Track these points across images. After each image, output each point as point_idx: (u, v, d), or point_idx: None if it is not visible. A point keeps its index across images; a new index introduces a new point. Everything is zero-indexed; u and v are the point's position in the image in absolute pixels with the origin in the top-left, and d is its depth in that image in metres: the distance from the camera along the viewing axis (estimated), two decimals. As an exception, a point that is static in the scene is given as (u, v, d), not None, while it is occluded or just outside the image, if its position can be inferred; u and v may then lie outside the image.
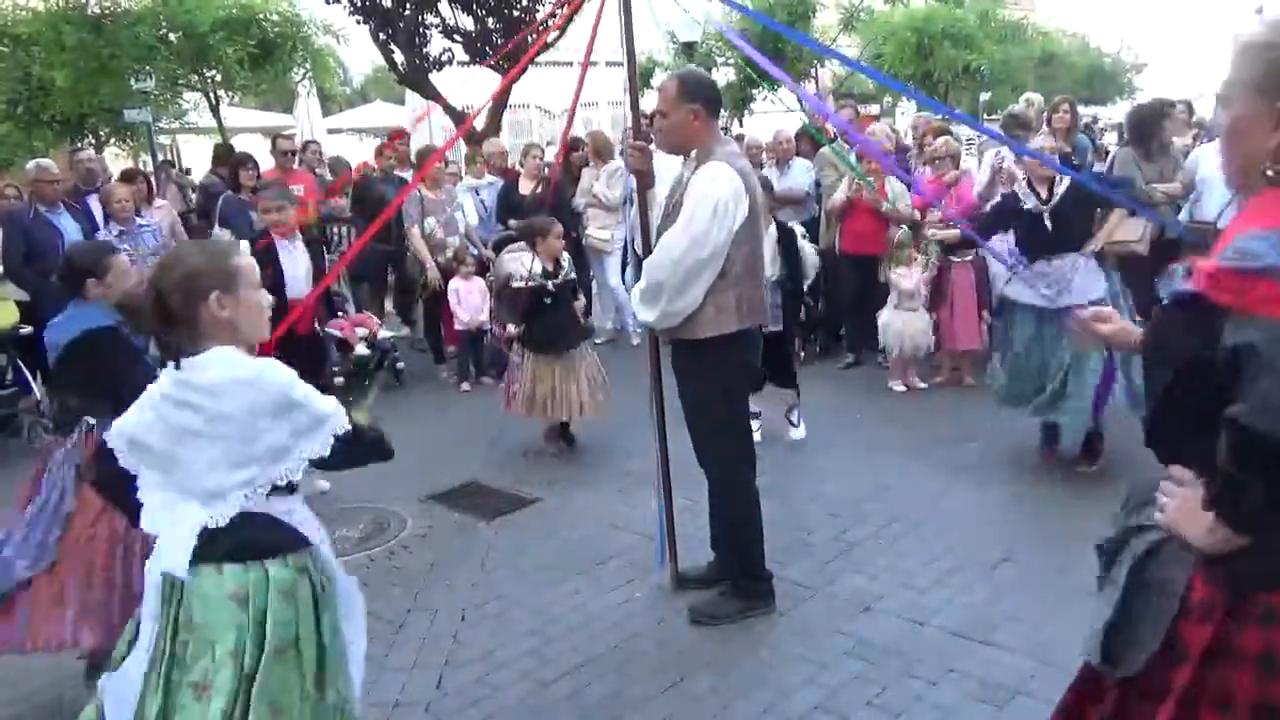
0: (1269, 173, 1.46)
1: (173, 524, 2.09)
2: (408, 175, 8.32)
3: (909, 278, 6.38)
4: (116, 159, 13.80)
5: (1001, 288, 5.22)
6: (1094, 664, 1.67)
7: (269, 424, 2.04)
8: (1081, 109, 8.30)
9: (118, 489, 2.20)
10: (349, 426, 2.12)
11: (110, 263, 3.18)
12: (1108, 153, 8.47)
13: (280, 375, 2.07)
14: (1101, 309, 1.97)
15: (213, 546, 2.06)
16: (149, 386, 2.15)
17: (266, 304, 2.24)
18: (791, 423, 5.66)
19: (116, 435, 2.15)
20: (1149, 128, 6.13)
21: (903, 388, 6.53)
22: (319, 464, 2.14)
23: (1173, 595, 1.55)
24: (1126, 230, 5.76)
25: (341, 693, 2.20)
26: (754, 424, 5.56)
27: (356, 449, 2.19)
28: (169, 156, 18.28)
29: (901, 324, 6.39)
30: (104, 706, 2.14)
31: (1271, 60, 1.44)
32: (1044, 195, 4.85)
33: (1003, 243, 5.13)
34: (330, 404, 2.12)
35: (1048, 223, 4.79)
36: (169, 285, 2.07)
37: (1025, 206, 4.87)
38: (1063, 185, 4.83)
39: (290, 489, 2.17)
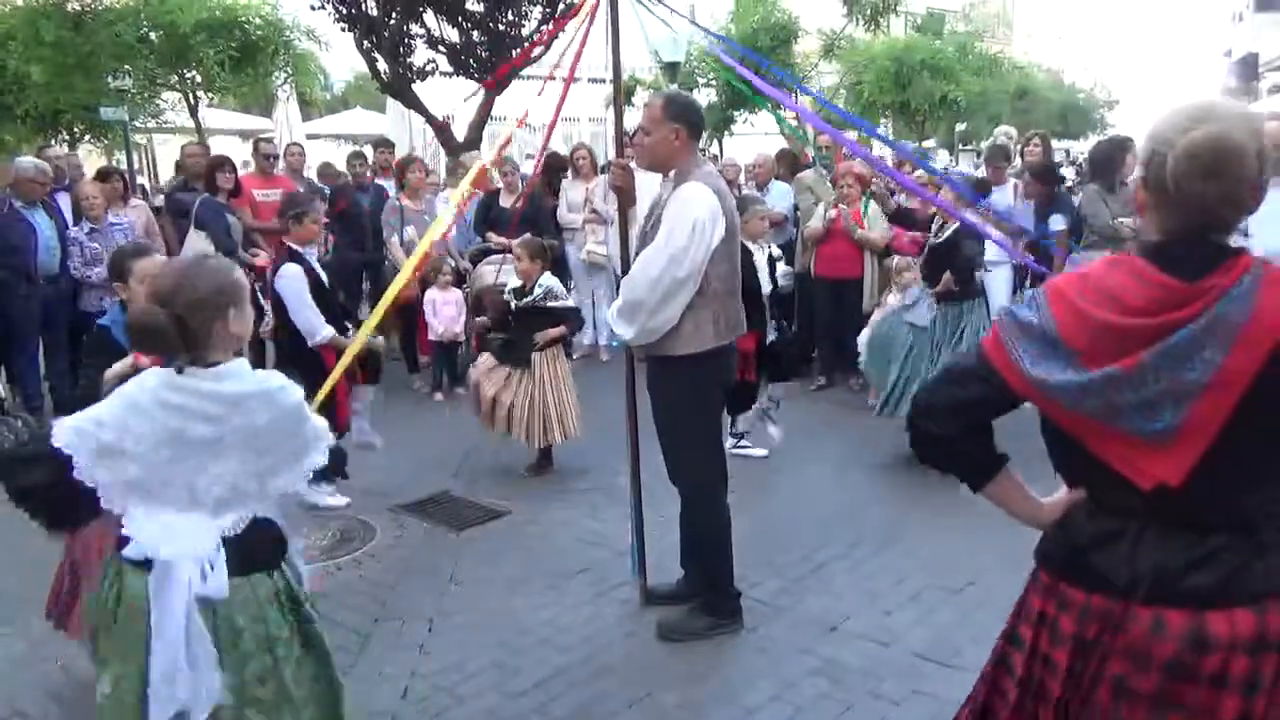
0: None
1: (189, 543, 2.04)
2: (386, 183, 8.30)
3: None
4: (90, 156, 13.66)
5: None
6: None
7: (283, 438, 2.10)
8: (1055, 143, 8.45)
9: (54, 503, 2.12)
10: (334, 440, 2.25)
11: (129, 266, 3.25)
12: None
13: (296, 391, 2.14)
14: None
15: (232, 558, 2.08)
16: (123, 389, 2.10)
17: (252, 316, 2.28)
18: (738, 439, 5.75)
19: (77, 441, 2.04)
20: (1111, 163, 6.27)
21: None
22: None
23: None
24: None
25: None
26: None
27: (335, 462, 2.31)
28: (145, 156, 18.11)
29: None
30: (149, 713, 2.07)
31: None
32: (933, 229, 5.45)
33: None
34: (323, 420, 2.22)
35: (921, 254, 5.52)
36: (187, 306, 2.04)
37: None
38: (949, 229, 5.31)
39: None
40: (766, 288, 5.73)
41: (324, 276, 4.88)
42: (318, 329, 4.68)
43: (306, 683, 2.19)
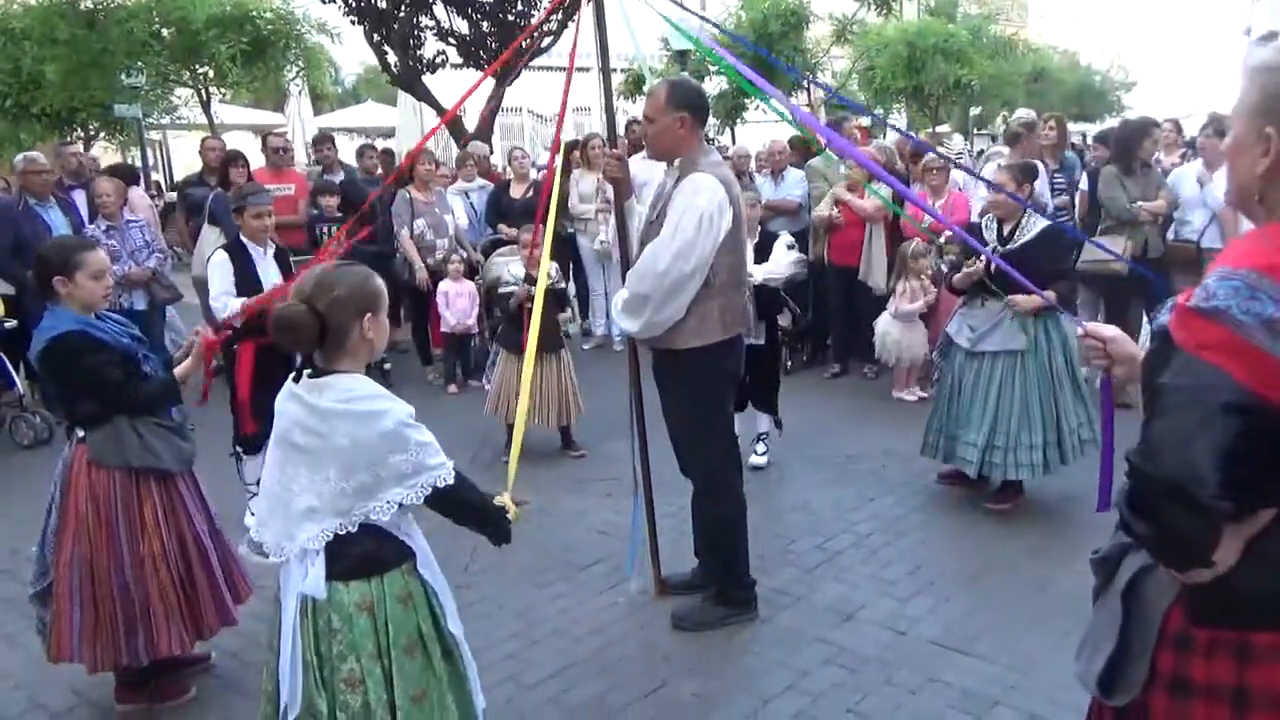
0: (1257, 198, 1.43)
1: (286, 536, 2.14)
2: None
3: (912, 294, 6.40)
4: (105, 153, 13.76)
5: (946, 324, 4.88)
6: (1092, 693, 1.62)
7: (369, 463, 2.07)
8: (1071, 126, 8.35)
9: None
10: (451, 482, 2.16)
11: (78, 260, 2.96)
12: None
13: (394, 416, 2.08)
14: (1102, 327, 1.89)
15: (334, 564, 2.12)
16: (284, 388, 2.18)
17: (388, 328, 2.27)
18: (755, 451, 5.36)
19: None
20: (1131, 146, 6.18)
21: (912, 396, 6.55)
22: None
23: (1153, 624, 1.51)
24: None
25: (465, 665, 2.38)
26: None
27: (458, 508, 2.28)
28: (160, 153, 18.20)
29: (899, 333, 6.43)
30: (280, 701, 2.16)
31: (1268, 84, 1.40)
32: (1004, 234, 4.49)
33: None
34: (439, 456, 2.15)
35: (992, 264, 4.26)
36: (329, 304, 2.08)
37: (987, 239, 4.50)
38: (1029, 233, 4.42)
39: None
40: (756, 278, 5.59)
41: (260, 274, 4.68)
42: (218, 308, 4.63)
43: (407, 704, 2.15)
